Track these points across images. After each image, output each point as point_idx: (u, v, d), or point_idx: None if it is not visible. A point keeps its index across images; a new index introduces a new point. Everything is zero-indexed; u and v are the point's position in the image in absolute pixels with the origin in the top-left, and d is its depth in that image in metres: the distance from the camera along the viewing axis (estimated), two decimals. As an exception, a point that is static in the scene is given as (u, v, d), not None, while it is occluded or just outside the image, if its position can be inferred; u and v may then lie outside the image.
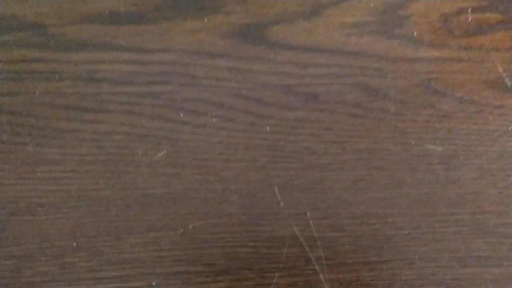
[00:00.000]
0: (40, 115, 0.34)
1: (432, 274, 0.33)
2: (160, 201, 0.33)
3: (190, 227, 0.33)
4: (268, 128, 0.34)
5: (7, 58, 0.34)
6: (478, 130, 0.34)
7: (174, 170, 0.33)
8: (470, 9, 0.34)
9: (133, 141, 0.34)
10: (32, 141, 0.33)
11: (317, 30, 0.34)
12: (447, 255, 0.33)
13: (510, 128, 0.34)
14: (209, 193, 0.33)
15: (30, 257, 0.32)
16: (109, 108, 0.34)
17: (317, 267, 0.33)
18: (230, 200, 0.33)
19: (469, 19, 0.34)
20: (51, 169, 0.33)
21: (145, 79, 0.34)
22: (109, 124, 0.34)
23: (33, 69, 0.34)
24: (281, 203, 0.33)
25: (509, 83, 0.34)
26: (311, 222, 0.33)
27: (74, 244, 0.32)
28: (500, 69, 0.34)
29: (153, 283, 0.33)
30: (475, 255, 0.34)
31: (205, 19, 0.35)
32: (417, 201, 0.34)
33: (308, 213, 0.33)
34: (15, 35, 0.34)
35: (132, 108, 0.34)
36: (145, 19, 0.35)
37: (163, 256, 0.33)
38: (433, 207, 0.34)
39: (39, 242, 0.32)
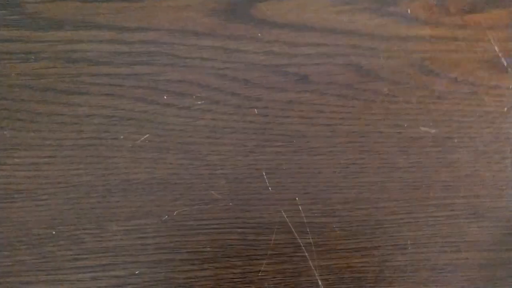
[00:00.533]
0: (16, 97, 0.33)
1: (425, 259, 0.33)
2: (144, 187, 0.32)
3: (175, 213, 0.32)
4: (256, 111, 0.33)
5: (-20, 38, 0.33)
6: (473, 111, 0.34)
7: (158, 154, 0.33)
8: (466, -15, 0.33)
9: (114, 124, 0.33)
10: (8, 125, 0.32)
11: (307, 7, 0.33)
12: (440, 240, 0.33)
13: (505, 109, 0.34)
14: (195, 178, 0.33)
15: (9, 246, 0.32)
16: (88, 90, 0.33)
17: (306, 254, 0.33)
18: (216, 186, 0.33)
19: (465, -4, 0.33)
20: (29, 154, 0.32)
21: (127, 59, 0.33)
22: (89, 107, 0.33)
23: (8, 50, 0.33)
24: (270, 188, 0.33)
25: (505, 63, 0.33)
26: (300, 208, 0.33)
27: (54, 232, 0.32)
28: (496, 48, 0.33)
29: (136, 272, 0.33)
30: (468, 239, 0.33)
31: (190, -4, 0.34)
32: (410, 185, 0.34)
33: (297, 198, 0.33)
34: (-12, 13, 0.33)
35: (113, 89, 0.33)
36: (126, -4, 0.33)
37: (146, 244, 0.32)
38: (426, 191, 0.34)
39: (17, 230, 0.32)
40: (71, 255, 0.32)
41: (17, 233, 0.32)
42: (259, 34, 0.33)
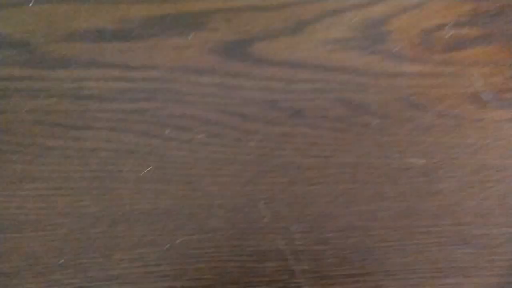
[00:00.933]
0: (27, 132, 0.34)
1: (415, 285, 0.34)
2: (147, 217, 0.33)
3: (177, 242, 0.33)
4: (253, 143, 0.35)
5: (-7, 76, 0.34)
6: (457, 143, 0.35)
7: (160, 185, 0.34)
8: (449, 25, 0.35)
9: (119, 157, 0.34)
10: (19, 159, 0.33)
11: (300, 46, 0.35)
12: (428, 266, 0.34)
13: (488, 141, 0.35)
14: (195, 208, 0.34)
15: (18, 274, 0.32)
16: (95, 125, 0.34)
17: (301, 280, 0.34)
18: (216, 215, 0.34)
19: (448, 35, 0.35)
20: (37, 187, 0.33)
21: (131, 95, 0.35)
22: (95, 141, 0.34)
23: (19, 87, 0.34)
24: (266, 217, 0.34)
25: (487, 97, 0.35)
26: (295, 236, 0.34)
27: (61, 261, 0.33)
28: (479, 84, 0.35)
29: (140, 299, 0.34)
30: (455, 265, 0.34)
31: (190, 36, 0.35)
32: (399, 213, 0.35)
33: (292, 227, 0.34)
34: (1, 53, 0.34)
35: (118, 124, 0.34)
36: (131, 37, 0.35)
37: (150, 272, 0.33)
38: (414, 219, 0.35)
39: (25, 259, 0.32)
40: (78, 283, 0.33)
41: (26, 262, 0.32)
42: (256, 72, 0.35)
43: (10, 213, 0.33)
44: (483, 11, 0.36)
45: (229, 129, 0.35)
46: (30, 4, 0.34)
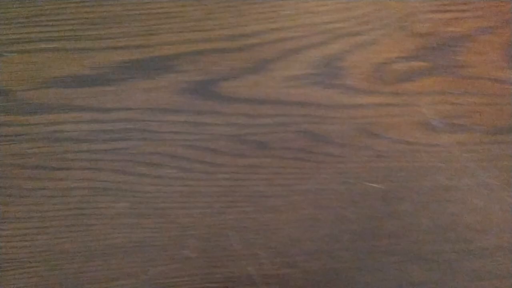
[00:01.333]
0: (6, 175, 0.35)
1: None
2: (122, 250, 0.35)
3: (152, 272, 0.35)
4: (221, 176, 0.37)
5: (-27, 124, 0.36)
6: (411, 167, 0.38)
7: (135, 219, 0.35)
8: (398, 59, 0.38)
9: (95, 194, 0.36)
10: (0, 200, 0.35)
11: (262, 83, 0.37)
12: (388, 284, 0.36)
13: (440, 164, 0.38)
14: (169, 240, 0.35)
15: None
16: (72, 165, 0.36)
17: (271, 303, 0.35)
18: (188, 245, 0.35)
19: (398, 68, 0.38)
20: (17, 226, 0.35)
21: (106, 136, 0.37)
22: (72, 181, 0.36)
23: (0, 133, 0.36)
24: (236, 245, 0.36)
25: (435, 124, 0.38)
26: (264, 261, 0.35)
27: None
28: (426, 111, 0.38)
29: (118, 330, 0.35)
30: (413, 281, 0.36)
31: (159, 78, 0.38)
32: (360, 235, 0.37)
33: (261, 253, 0.36)
34: (-19, 101, 0.36)
35: (94, 164, 0.36)
36: (103, 81, 0.38)
37: None
38: (374, 239, 0.37)
39: None
40: None
41: None
42: (222, 109, 0.37)
43: (-8, 253, 0.34)
44: (427, 46, 0.39)
45: (199, 163, 0.37)
46: (8, 54, 0.37)
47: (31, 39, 0.38)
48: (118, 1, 0.38)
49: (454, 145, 0.38)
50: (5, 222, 0.34)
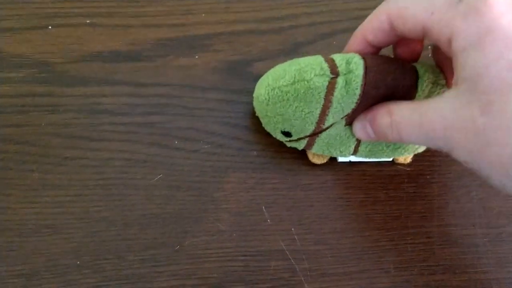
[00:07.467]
0: (46, 144, 0.36)
1: (406, 281, 0.36)
2: (157, 221, 0.35)
3: (185, 243, 0.35)
4: (255, 153, 0.38)
5: (15, 93, 0.37)
6: (439, 152, 0.38)
7: (169, 192, 0.36)
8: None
9: (131, 166, 0.36)
10: (38, 168, 0.36)
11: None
12: (418, 264, 0.36)
13: None
14: (202, 213, 0.36)
15: (37, 275, 0.34)
16: (109, 137, 0.37)
17: (302, 278, 0.36)
18: (221, 219, 0.36)
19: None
20: (56, 194, 0.35)
21: (142, 110, 0.37)
22: (109, 152, 0.37)
23: (39, 103, 0.37)
24: (268, 220, 0.36)
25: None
26: (296, 237, 0.36)
27: (78, 262, 0.34)
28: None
29: (152, 296, 0.35)
30: (442, 263, 0.37)
31: (196, 56, 0.39)
32: (390, 216, 0.37)
33: (293, 229, 0.36)
34: (23, 72, 0.37)
35: (130, 136, 0.37)
36: (141, 57, 0.39)
37: (160, 272, 0.35)
38: (404, 221, 0.37)
39: (45, 261, 0.34)
40: (94, 282, 0.34)
41: (44, 264, 0.34)
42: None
43: (30, 218, 0.35)
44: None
45: (233, 140, 0.37)
46: (50, 27, 0.38)
47: (72, 14, 0.39)
48: (159, -21, 0.39)
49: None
50: (44, 189, 0.35)
